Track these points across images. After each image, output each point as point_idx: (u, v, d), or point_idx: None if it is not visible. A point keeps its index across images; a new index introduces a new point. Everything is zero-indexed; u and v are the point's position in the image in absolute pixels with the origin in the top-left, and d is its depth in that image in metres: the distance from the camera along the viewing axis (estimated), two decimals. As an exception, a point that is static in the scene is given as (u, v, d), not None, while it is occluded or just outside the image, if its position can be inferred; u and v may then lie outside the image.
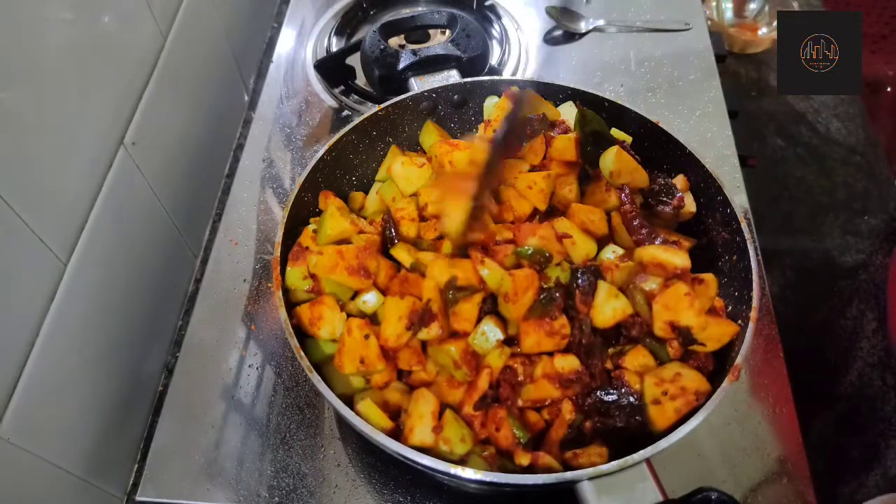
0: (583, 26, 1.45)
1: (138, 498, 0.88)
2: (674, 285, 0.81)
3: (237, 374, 0.98)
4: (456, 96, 1.07)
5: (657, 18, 1.45)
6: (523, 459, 0.74)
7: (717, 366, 0.81)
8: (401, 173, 0.97)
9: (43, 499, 0.80)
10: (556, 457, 0.75)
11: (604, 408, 0.77)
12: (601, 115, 1.01)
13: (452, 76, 1.14)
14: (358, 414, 0.75)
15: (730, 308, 0.86)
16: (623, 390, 0.77)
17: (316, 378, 0.75)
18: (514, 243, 0.86)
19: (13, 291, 0.73)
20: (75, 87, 0.83)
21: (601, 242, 0.90)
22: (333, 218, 0.89)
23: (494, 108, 1.04)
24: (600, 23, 1.45)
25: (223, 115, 1.32)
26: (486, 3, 1.47)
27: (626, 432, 0.76)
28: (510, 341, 0.82)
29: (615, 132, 1.01)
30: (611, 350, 0.82)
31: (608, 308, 0.80)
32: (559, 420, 0.78)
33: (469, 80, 1.08)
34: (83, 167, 0.86)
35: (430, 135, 1.06)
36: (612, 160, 0.93)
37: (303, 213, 0.94)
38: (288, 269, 0.86)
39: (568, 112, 1.03)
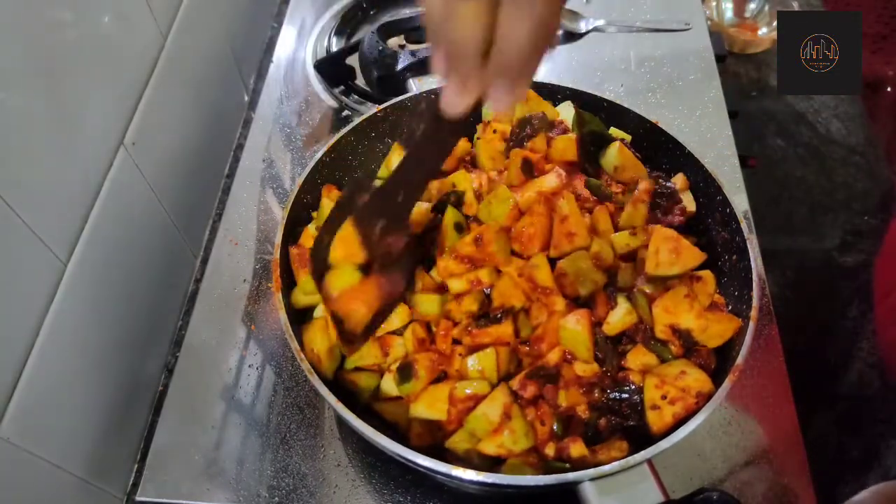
0: (583, 26, 1.45)
1: (138, 498, 0.88)
2: (674, 288, 0.81)
3: (237, 374, 0.98)
4: (454, 97, 1.07)
5: (657, 18, 1.45)
6: (550, 450, 0.75)
7: (718, 364, 0.82)
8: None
9: (43, 499, 0.80)
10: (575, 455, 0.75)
11: (616, 406, 0.78)
12: (599, 115, 1.01)
13: (451, 77, 1.14)
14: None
15: (730, 307, 0.86)
16: (632, 388, 0.78)
17: (316, 380, 0.75)
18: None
19: (13, 291, 0.73)
20: (75, 87, 0.83)
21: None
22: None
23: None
24: (600, 23, 1.45)
25: (223, 115, 1.32)
26: (486, 3, 1.47)
27: (643, 429, 0.77)
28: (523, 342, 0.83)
29: (614, 131, 1.01)
30: (612, 351, 0.83)
31: (615, 315, 0.82)
32: (575, 419, 0.78)
33: None
34: (83, 167, 0.86)
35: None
36: (615, 155, 0.94)
37: (302, 214, 0.94)
38: (302, 279, 0.87)
39: (566, 112, 1.03)
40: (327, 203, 0.92)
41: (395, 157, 1.01)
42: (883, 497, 0.75)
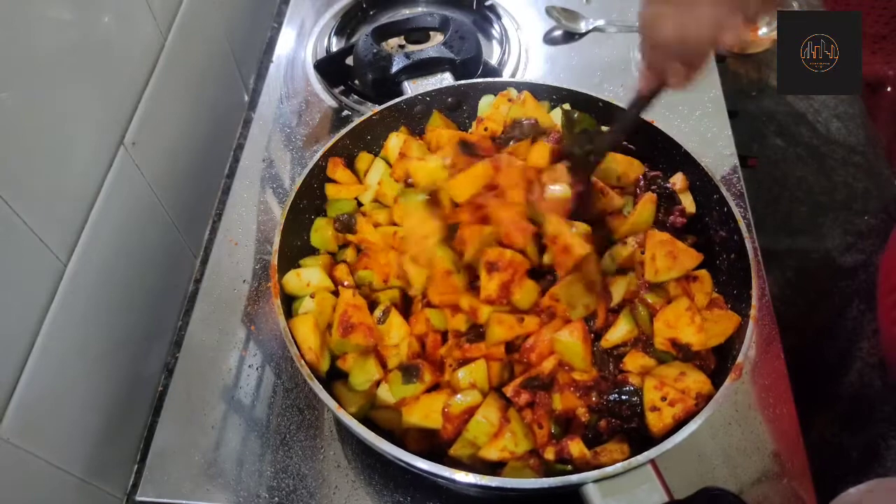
0: (583, 26, 1.45)
1: (138, 498, 0.88)
2: (676, 300, 0.81)
3: (237, 375, 0.98)
4: (450, 99, 1.07)
5: (657, 18, 1.45)
6: (550, 454, 0.75)
7: (718, 363, 0.82)
8: (396, 146, 1.00)
9: (43, 499, 0.80)
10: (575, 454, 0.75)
11: (616, 408, 0.77)
12: (595, 115, 1.01)
13: (446, 79, 1.14)
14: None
15: (730, 306, 0.86)
16: (631, 389, 0.78)
17: (316, 385, 0.75)
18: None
19: (13, 291, 0.73)
20: (75, 87, 0.83)
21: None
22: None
23: (489, 106, 1.03)
24: (600, 23, 1.45)
25: (223, 115, 1.32)
26: (486, 3, 1.47)
27: (643, 431, 0.77)
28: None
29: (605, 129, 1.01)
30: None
31: (616, 333, 0.82)
32: (576, 422, 0.78)
33: (463, 82, 1.08)
34: (83, 167, 0.86)
35: (434, 123, 1.06)
36: (615, 162, 0.94)
37: (300, 218, 0.95)
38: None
39: (560, 117, 1.03)
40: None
41: (393, 140, 1.02)
42: (878, 491, 0.75)
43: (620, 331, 0.81)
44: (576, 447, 0.74)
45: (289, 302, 0.89)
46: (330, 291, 0.89)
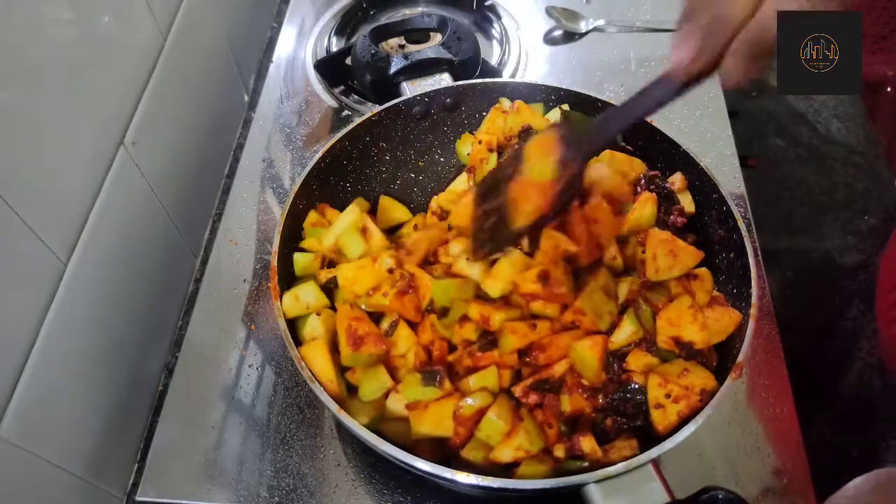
0: (583, 26, 1.45)
1: (138, 498, 0.88)
2: (678, 299, 0.81)
3: (237, 374, 0.98)
4: (448, 100, 1.07)
5: (657, 18, 1.45)
6: (559, 451, 0.75)
7: (719, 362, 0.82)
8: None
9: (43, 499, 0.80)
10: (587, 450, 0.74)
11: (620, 406, 0.77)
12: (594, 115, 1.01)
13: (444, 80, 1.14)
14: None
15: (730, 304, 0.86)
16: (635, 388, 0.78)
17: (317, 388, 0.75)
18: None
19: (13, 291, 0.73)
20: (75, 87, 0.83)
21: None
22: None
23: (485, 122, 1.02)
24: (600, 23, 1.45)
25: (223, 115, 1.32)
26: (486, 3, 1.47)
27: (649, 429, 0.76)
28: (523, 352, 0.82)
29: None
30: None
31: (621, 335, 0.81)
32: (583, 419, 0.78)
33: (461, 83, 1.07)
34: (83, 167, 0.86)
35: (466, 144, 1.05)
36: (612, 161, 0.94)
37: (299, 221, 0.94)
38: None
39: (556, 117, 1.02)
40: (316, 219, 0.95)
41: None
42: (878, 483, 0.75)
43: (626, 332, 0.81)
44: (587, 443, 0.73)
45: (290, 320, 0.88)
46: (328, 307, 0.87)
